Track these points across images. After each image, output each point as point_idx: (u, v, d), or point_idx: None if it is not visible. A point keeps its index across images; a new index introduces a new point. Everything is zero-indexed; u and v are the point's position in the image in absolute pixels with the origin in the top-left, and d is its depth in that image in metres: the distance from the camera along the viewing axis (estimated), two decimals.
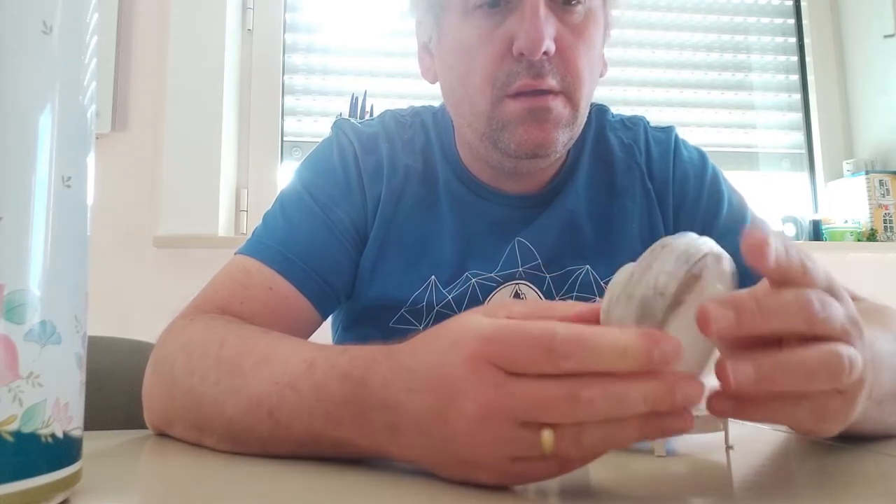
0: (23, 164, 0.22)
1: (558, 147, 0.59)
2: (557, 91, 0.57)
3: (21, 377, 0.21)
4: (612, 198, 0.67)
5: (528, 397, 0.28)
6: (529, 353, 0.28)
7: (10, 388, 0.21)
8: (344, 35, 1.86)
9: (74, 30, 0.24)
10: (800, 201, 2.00)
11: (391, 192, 0.65)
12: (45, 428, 0.22)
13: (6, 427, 0.21)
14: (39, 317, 0.22)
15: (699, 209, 0.68)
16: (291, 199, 0.64)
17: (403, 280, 0.63)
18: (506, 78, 0.57)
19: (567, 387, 0.28)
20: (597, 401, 0.27)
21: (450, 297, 0.63)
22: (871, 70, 1.96)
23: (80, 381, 0.25)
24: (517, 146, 0.58)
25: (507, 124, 0.58)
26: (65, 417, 0.23)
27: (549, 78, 0.56)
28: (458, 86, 0.61)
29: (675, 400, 0.27)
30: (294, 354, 0.40)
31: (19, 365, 0.21)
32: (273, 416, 0.38)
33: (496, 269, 0.64)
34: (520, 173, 0.64)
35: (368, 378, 0.34)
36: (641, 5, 1.99)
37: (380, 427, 0.33)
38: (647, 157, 0.69)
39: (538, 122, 0.57)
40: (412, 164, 0.67)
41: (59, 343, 0.23)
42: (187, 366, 0.45)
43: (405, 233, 0.64)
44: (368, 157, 0.66)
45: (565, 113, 0.58)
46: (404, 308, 0.63)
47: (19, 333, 0.21)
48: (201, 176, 1.61)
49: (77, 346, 0.24)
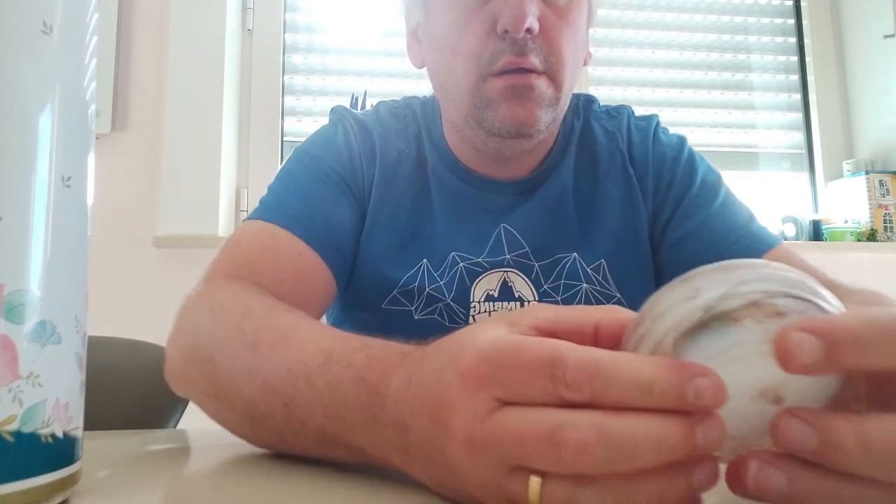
0: (23, 164, 0.21)
1: (541, 126, 0.59)
2: (541, 71, 0.58)
3: (21, 377, 0.21)
4: (595, 183, 0.67)
5: (508, 434, 0.23)
6: (528, 379, 0.23)
7: (10, 388, 0.21)
8: (344, 35, 1.86)
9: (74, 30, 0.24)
10: (800, 201, 2.00)
11: (384, 174, 0.65)
12: (45, 428, 0.22)
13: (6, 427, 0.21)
14: (39, 317, 0.22)
15: (672, 189, 0.68)
16: (300, 169, 0.64)
17: (396, 260, 0.64)
18: (490, 56, 0.57)
19: (550, 422, 0.22)
20: (587, 445, 0.21)
21: (441, 281, 0.63)
22: (871, 70, 1.96)
23: (80, 381, 0.25)
24: (500, 124, 0.58)
25: (490, 102, 0.58)
26: (65, 417, 0.23)
27: (532, 56, 0.57)
28: (444, 66, 0.62)
29: (694, 443, 0.21)
30: (312, 341, 0.38)
31: (19, 365, 0.21)
32: (287, 408, 0.36)
33: (482, 254, 0.64)
34: (505, 155, 0.64)
35: (382, 389, 0.31)
36: (641, 5, 1.99)
37: (393, 447, 0.30)
38: (629, 144, 0.69)
39: (521, 100, 0.58)
40: (404, 150, 0.67)
41: (59, 343, 0.23)
42: (210, 328, 0.44)
43: (397, 214, 0.65)
44: (365, 140, 0.67)
45: (548, 93, 0.59)
46: (396, 289, 0.63)
47: (19, 333, 0.21)
48: (201, 176, 1.61)
49: (77, 346, 0.24)
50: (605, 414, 0.22)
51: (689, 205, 0.65)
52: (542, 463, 0.23)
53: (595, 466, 0.22)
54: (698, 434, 0.22)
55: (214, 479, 0.35)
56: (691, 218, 0.65)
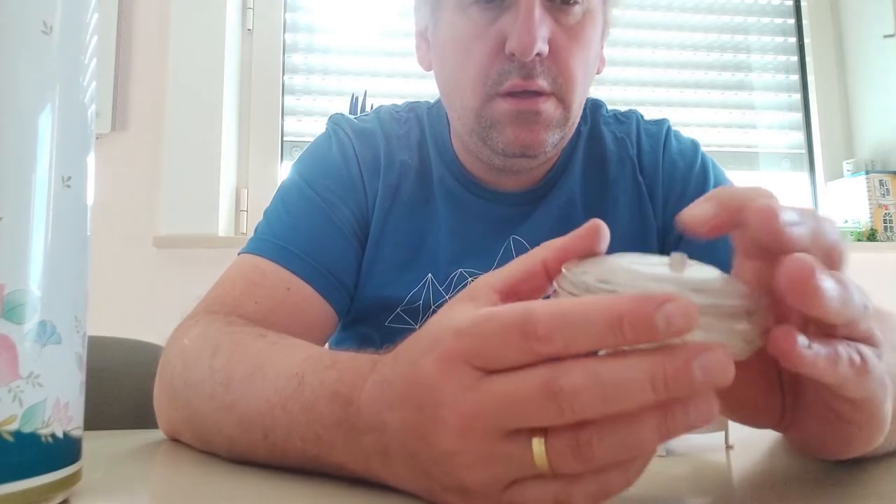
0: (23, 164, 0.21)
1: (547, 148, 0.59)
2: (549, 92, 0.56)
3: (21, 377, 0.21)
4: (604, 189, 0.66)
5: (502, 397, 0.23)
6: (503, 342, 0.23)
7: (10, 388, 0.21)
8: (344, 35, 1.86)
9: (74, 30, 0.24)
10: (800, 201, 2.00)
11: (387, 188, 0.64)
12: (45, 428, 0.22)
13: (6, 427, 0.21)
14: (39, 317, 0.22)
15: (684, 200, 0.66)
16: (294, 195, 0.63)
17: (399, 279, 0.62)
18: (497, 76, 0.56)
19: (542, 375, 0.23)
20: (583, 389, 0.22)
21: (446, 296, 0.62)
22: (871, 70, 1.96)
23: (80, 381, 0.25)
24: (505, 146, 0.58)
25: (495, 123, 0.57)
26: (65, 417, 0.23)
27: (539, 79, 0.55)
28: (451, 79, 0.61)
29: (691, 375, 0.21)
30: (285, 367, 0.37)
31: (19, 365, 0.21)
32: (268, 439, 0.35)
33: (492, 267, 0.64)
34: (511, 170, 0.63)
35: (355, 396, 0.30)
36: (641, 5, 1.99)
37: (371, 452, 0.29)
38: (639, 151, 0.68)
39: (527, 124, 0.57)
40: (407, 160, 0.66)
41: (59, 343, 0.23)
42: (184, 374, 0.44)
43: (401, 230, 0.63)
44: (366, 151, 0.65)
45: (556, 115, 0.58)
46: (400, 307, 0.62)
47: (19, 333, 0.21)
48: (201, 176, 1.61)
49: (77, 346, 0.24)
50: (595, 359, 0.22)
51: None
52: (541, 416, 0.23)
53: (594, 408, 0.22)
54: (694, 367, 0.21)
55: (214, 479, 0.35)
56: None
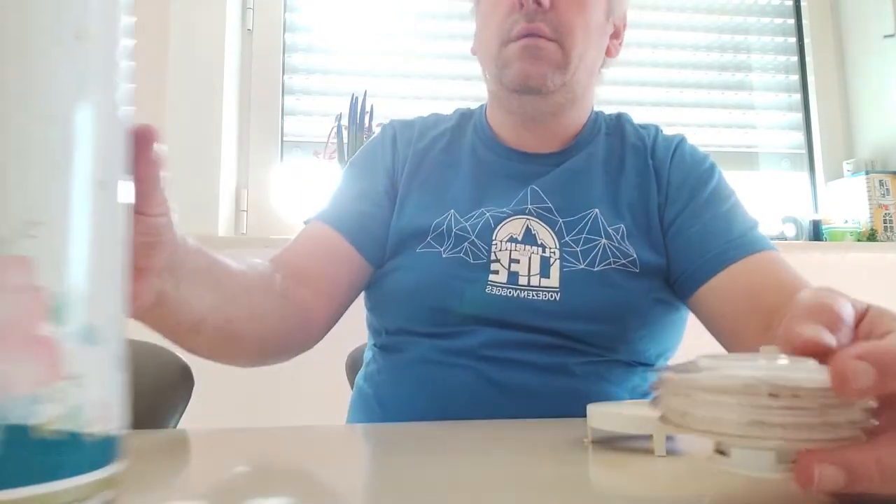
0: (61, 168, 0.22)
1: (548, 82, 0.71)
2: (550, 37, 0.69)
3: (63, 378, 0.21)
4: (621, 163, 0.76)
5: None
6: None
7: (53, 388, 0.21)
8: (344, 35, 1.86)
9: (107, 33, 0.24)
10: (800, 201, 2.00)
11: (416, 154, 0.79)
12: (87, 427, 0.22)
13: (49, 426, 0.21)
14: (81, 318, 0.22)
15: (685, 185, 0.74)
16: (343, 177, 0.81)
17: (426, 212, 0.74)
18: (510, 26, 0.70)
19: None
20: None
21: (466, 223, 0.72)
22: (871, 70, 1.96)
23: (121, 382, 0.25)
24: (512, 80, 0.71)
25: (507, 63, 0.71)
26: (106, 417, 0.23)
27: (542, 24, 0.69)
28: (483, 35, 0.76)
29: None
30: None
31: (62, 366, 0.21)
32: None
33: (509, 206, 0.73)
34: (528, 114, 0.75)
35: None
36: (641, 5, 1.99)
37: None
38: (654, 143, 0.78)
39: (530, 58, 0.70)
40: (438, 136, 0.80)
41: (101, 344, 0.23)
42: None
43: (429, 181, 0.77)
44: (404, 130, 0.81)
45: (556, 56, 0.70)
46: (430, 236, 0.72)
47: (61, 334, 0.21)
48: (201, 176, 1.61)
49: (118, 346, 0.25)
50: None
51: (698, 204, 0.72)
52: None
53: None
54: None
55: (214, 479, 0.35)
56: (699, 216, 0.71)
